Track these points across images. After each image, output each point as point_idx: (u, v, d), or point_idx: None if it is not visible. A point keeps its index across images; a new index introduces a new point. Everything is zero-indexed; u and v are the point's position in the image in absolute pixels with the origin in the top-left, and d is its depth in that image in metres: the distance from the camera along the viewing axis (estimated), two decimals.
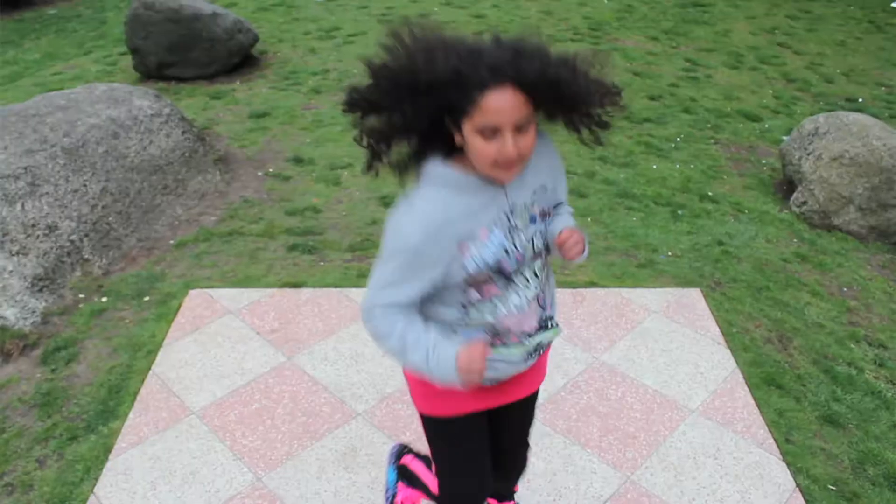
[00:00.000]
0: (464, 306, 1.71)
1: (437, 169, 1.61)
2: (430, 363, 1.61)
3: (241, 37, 7.01)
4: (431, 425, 2.00)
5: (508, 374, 1.85)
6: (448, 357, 1.60)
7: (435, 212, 1.58)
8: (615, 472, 2.81)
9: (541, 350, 1.88)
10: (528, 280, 1.74)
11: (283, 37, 8.27)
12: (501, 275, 1.68)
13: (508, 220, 1.66)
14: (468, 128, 1.51)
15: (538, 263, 1.76)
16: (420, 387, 1.90)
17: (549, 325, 1.85)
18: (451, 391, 1.76)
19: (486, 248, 1.63)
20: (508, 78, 1.45)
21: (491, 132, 1.49)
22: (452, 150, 1.61)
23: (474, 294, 1.69)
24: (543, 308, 1.82)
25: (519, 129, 1.50)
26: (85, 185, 4.06)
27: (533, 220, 1.71)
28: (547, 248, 1.77)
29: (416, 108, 1.52)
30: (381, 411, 3.06)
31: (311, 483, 2.73)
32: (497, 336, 1.77)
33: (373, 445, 2.89)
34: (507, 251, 1.65)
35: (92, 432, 2.95)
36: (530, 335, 1.81)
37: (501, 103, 1.46)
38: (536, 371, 2.00)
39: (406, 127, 1.58)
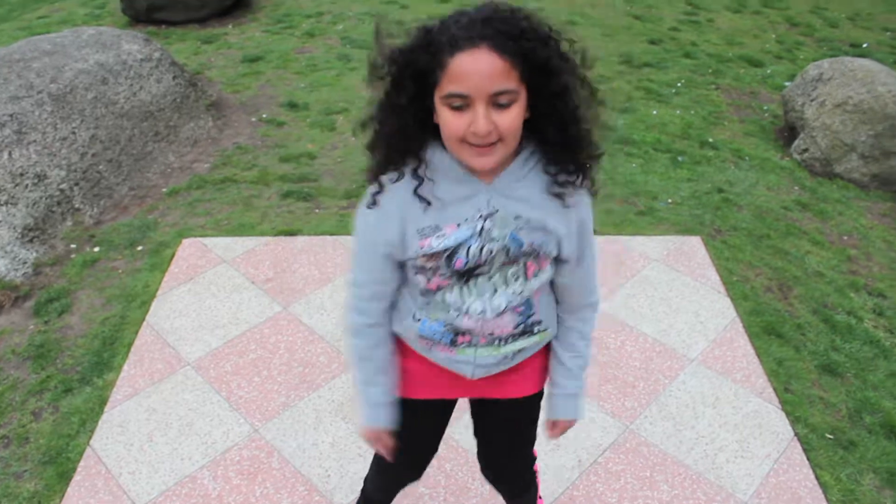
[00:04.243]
0: (421, 296, 1.54)
1: (435, 155, 1.39)
2: (358, 395, 1.66)
3: None
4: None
5: (478, 375, 1.63)
6: (361, 413, 1.66)
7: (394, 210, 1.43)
8: (614, 421, 2.80)
9: (525, 355, 1.64)
10: (493, 285, 1.49)
11: None
12: (451, 267, 1.45)
13: (482, 221, 1.41)
14: (438, 99, 1.28)
15: (514, 271, 1.48)
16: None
17: (535, 331, 1.60)
18: (408, 374, 1.70)
19: (447, 240, 1.42)
20: (482, 37, 1.22)
21: (460, 102, 1.25)
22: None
23: (422, 279, 1.50)
24: (524, 315, 1.56)
25: (496, 102, 1.25)
26: (74, 133, 3.97)
27: (513, 237, 1.43)
28: (533, 256, 1.48)
29: (394, 83, 1.32)
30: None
31: (308, 433, 2.72)
32: (460, 334, 1.55)
33: None
34: (467, 244, 1.42)
35: (87, 384, 2.92)
36: (504, 340, 1.57)
37: (471, 66, 1.22)
38: (523, 375, 1.72)
39: (391, 107, 1.35)
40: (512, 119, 1.27)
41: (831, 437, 2.78)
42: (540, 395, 1.80)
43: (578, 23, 7.05)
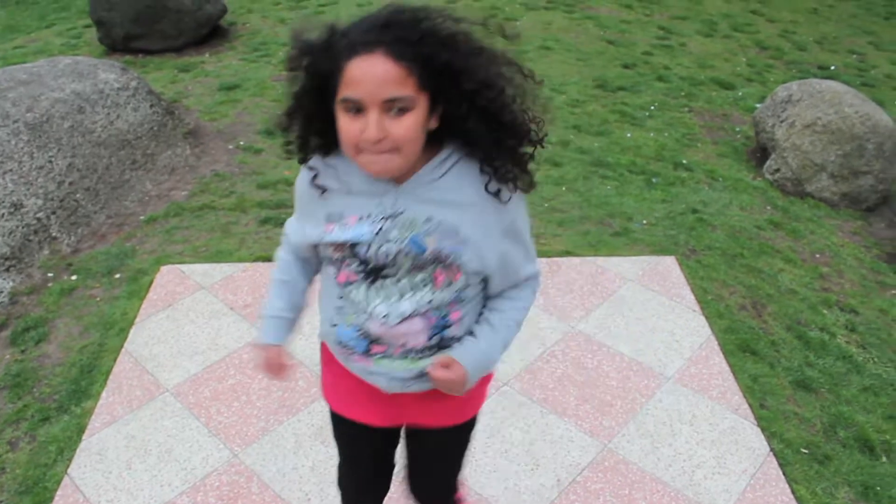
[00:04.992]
0: (338, 292, 1.52)
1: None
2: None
3: (209, 7, 6.88)
4: (331, 418, 1.86)
5: (393, 389, 1.60)
6: (258, 338, 1.72)
7: (323, 176, 1.46)
8: (592, 439, 2.82)
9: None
10: (399, 290, 1.45)
11: (252, 7, 8.14)
12: (356, 258, 1.44)
13: (384, 222, 1.40)
14: (336, 103, 1.28)
15: (422, 277, 1.44)
16: (323, 365, 1.81)
17: (454, 347, 1.53)
18: (339, 385, 1.72)
19: (348, 232, 1.42)
20: (378, 42, 1.21)
21: (355, 108, 1.25)
22: None
23: (333, 271, 1.50)
24: (439, 329, 1.51)
25: (391, 108, 1.24)
26: (50, 162, 3.97)
27: (415, 242, 1.39)
28: (441, 264, 1.43)
29: (300, 86, 1.35)
30: None
31: (288, 458, 2.71)
32: (374, 343, 1.52)
33: None
34: (367, 241, 1.42)
35: (64, 413, 2.90)
36: (418, 352, 1.52)
37: (365, 71, 1.21)
38: (453, 402, 1.66)
39: (298, 108, 1.39)
40: (406, 127, 1.26)
41: (806, 451, 2.81)
42: (472, 423, 1.80)
43: (553, 48, 7.15)
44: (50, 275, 3.68)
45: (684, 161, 5.09)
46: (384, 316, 1.48)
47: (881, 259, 4.19)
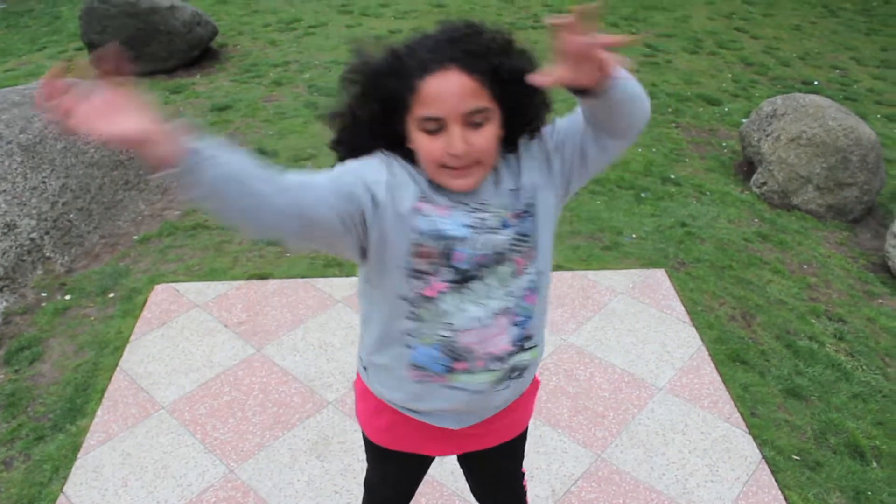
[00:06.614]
0: (412, 309, 1.41)
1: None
2: None
3: (199, 30, 6.94)
4: (368, 445, 1.80)
5: (470, 422, 1.57)
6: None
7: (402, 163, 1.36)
8: (586, 450, 2.85)
9: (517, 375, 1.53)
10: (488, 288, 1.41)
11: (242, 29, 8.20)
12: (451, 266, 1.36)
13: (474, 212, 1.37)
14: (412, 125, 1.28)
15: (507, 269, 1.41)
16: (362, 403, 1.70)
17: (527, 346, 1.50)
18: (396, 423, 1.61)
19: (443, 221, 1.34)
20: (450, 59, 1.23)
21: (435, 126, 1.25)
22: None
23: (417, 284, 1.37)
24: (520, 327, 1.47)
25: (470, 122, 1.25)
26: (44, 182, 3.99)
27: (505, 224, 1.39)
28: (520, 248, 1.41)
29: (363, 107, 1.32)
30: (352, 399, 3.04)
31: (283, 473, 2.72)
32: (458, 360, 1.45)
33: (345, 433, 2.89)
34: (466, 237, 1.35)
35: (59, 431, 2.91)
36: (500, 359, 1.47)
37: (442, 88, 1.22)
38: (515, 414, 1.67)
39: (358, 130, 1.36)
40: (486, 138, 1.27)
41: (798, 458, 2.84)
42: (525, 433, 1.81)
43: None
44: (44, 294, 3.69)
45: (672, 176, 5.15)
46: (476, 319, 1.42)
47: (867, 269, 4.25)
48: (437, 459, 1.91)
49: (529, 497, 2.61)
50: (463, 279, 1.38)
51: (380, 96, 1.28)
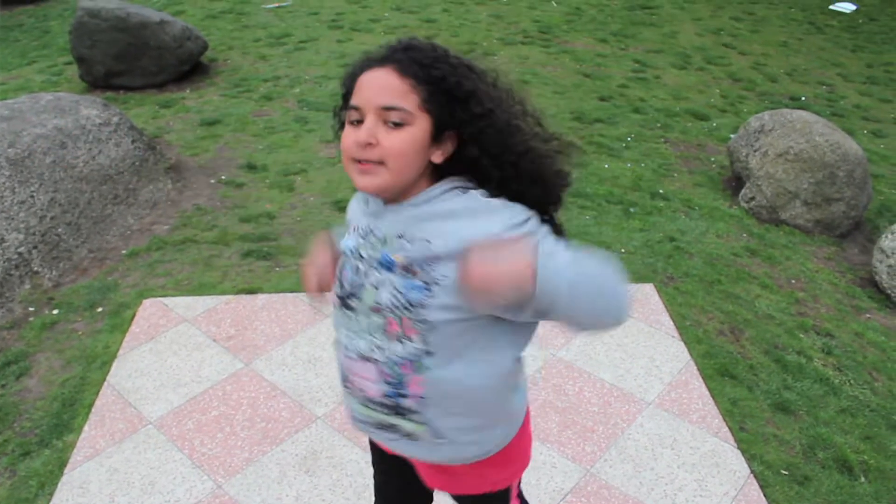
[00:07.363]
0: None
1: None
2: None
3: (190, 44, 6.94)
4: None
5: (361, 429, 1.55)
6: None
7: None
8: (575, 465, 2.84)
9: (412, 438, 1.44)
10: (358, 324, 1.39)
11: (232, 44, 8.21)
12: (339, 281, 1.43)
13: (361, 240, 1.39)
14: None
15: (375, 322, 1.35)
16: None
17: (407, 416, 1.40)
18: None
19: (349, 233, 1.43)
20: (392, 60, 1.25)
21: (356, 116, 1.26)
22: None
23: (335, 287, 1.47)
24: (395, 388, 1.38)
25: (386, 119, 1.23)
26: (32, 197, 3.98)
27: (387, 266, 1.31)
28: (398, 313, 1.31)
29: (340, 110, 1.37)
30: (341, 414, 3.05)
31: (272, 488, 2.71)
32: (345, 378, 1.48)
33: (333, 448, 2.88)
34: (347, 256, 1.41)
35: (46, 447, 2.89)
36: (377, 403, 1.42)
37: (369, 80, 1.25)
38: (449, 476, 1.59)
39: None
40: (400, 140, 1.23)
41: (786, 472, 2.85)
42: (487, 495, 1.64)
43: (530, 81, 7.27)
44: (31, 309, 3.67)
45: (661, 191, 5.18)
46: (345, 347, 1.43)
47: (855, 283, 4.28)
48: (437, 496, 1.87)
49: None
50: (344, 298, 1.41)
51: (344, 95, 1.34)
